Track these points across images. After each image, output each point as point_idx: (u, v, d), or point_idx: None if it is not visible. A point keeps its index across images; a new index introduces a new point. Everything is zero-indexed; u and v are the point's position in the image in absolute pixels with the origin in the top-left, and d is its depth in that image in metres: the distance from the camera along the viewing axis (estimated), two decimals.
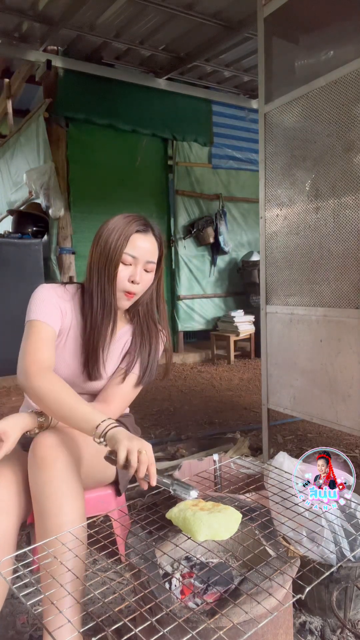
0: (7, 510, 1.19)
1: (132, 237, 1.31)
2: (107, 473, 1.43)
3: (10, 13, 3.95)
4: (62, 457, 1.18)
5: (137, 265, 1.32)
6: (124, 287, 1.33)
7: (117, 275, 1.31)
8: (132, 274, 1.32)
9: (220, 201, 5.87)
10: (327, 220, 1.90)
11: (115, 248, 1.29)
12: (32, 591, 1.38)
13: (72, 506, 1.15)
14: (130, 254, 1.31)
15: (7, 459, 1.30)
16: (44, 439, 1.21)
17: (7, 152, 5.68)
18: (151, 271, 1.37)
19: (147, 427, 3.09)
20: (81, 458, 1.26)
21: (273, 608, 0.89)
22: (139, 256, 1.32)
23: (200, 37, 4.42)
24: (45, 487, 1.15)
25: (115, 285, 1.32)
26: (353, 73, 1.75)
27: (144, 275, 1.35)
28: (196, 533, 0.97)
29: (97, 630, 1.07)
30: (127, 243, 1.30)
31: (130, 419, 1.60)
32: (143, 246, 1.32)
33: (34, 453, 1.19)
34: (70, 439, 1.25)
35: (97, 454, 1.37)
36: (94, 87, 4.82)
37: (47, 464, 1.16)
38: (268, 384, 2.25)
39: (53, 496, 1.14)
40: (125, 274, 1.32)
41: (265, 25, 2.14)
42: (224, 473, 1.77)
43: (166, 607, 0.85)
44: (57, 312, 1.34)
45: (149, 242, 1.34)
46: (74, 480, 1.18)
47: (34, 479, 1.18)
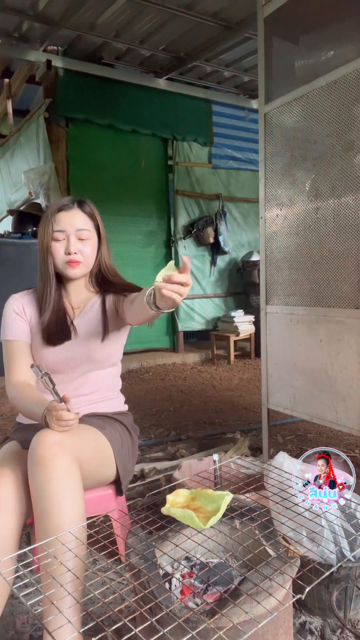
0: (9, 511, 1.19)
1: (56, 216, 1.46)
2: (108, 473, 1.43)
3: (10, 13, 3.95)
4: (63, 455, 1.18)
5: (69, 237, 1.45)
6: (63, 259, 1.46)
7: (53, 252, 1.45)
8: (66, 247, 1.45)
9: (220, 201, 5.87)
10: (327, 220, 1.90)
11: (45, 230, 1.46)
12: (32, 591, 1.38)
13: (72, 506, 1.15)
14: (57, 229, 1.45)
15: (8, 459, 1.30)
16: (44, 437, 1.20)
17: (7, 152, 5.68)
18: (87, 239, 1.48)
19: (147, 427, 3.09)
20: (82, 457, 1.26)
21: (273, 608, 0.89)
22: (66, 229, 1.45)
23: (200, 37, 4.42)
24: (45, 487, 1.15)
25: (54, 262, 1.47)
26: (353, 73, 1.75)
27: (81, 244, 1.47)
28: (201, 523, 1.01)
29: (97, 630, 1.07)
30: (53, 223, 1.45)
31: (129, 417, 1.61)
32: (67, 220, 1.45)
33: (34, 451, 1.19)
34: (71, 438, 1.25)
35: (98, 454, 1.37)
36: (94, 87, 4.82)
37: (47, 462, 1.16)
38: (268, 384, 2.25)
39: (53, 496, 1.14)
40: (60, 248, 1.46)
41: (265, 25, 2.14)
42: (224, 473, 1.76)
43: (166, 607, 0.85)
44: (18, 321, 1.51)
45: (73, 215, 1.47)
46: (74, 479, 1.18)
47: (34, 478, 1.17)
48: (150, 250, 5.53)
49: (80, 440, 1.30)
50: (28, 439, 1.30)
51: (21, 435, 1.43)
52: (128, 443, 1.51)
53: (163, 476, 2.26)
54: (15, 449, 1.37)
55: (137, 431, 1.60)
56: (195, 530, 1.06)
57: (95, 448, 1.36)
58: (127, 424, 1.55)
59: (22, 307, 1.52)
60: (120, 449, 1.44)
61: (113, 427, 1.47)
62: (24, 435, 1.40)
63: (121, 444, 1.46)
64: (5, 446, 1.41)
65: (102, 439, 1.40)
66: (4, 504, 1.19)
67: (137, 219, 5.34)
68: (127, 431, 1.53)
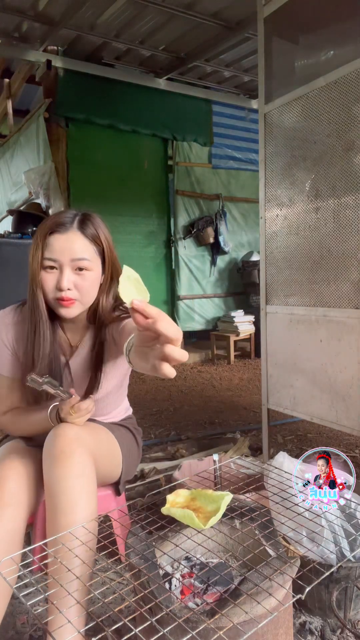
0: (18, 504, 1.17)
1: (48, 239, 1.19)
2: (113, 473, 1.42)
3: (10, 13, 3.95)
4: (81, 451, 1.15)
5: (62, 268, 1.19)
6: (53, 295, 1.20)
7: (43, 284, 1.20)
8: (58, 280, 1.19)
9: (220, 201, 5.87)
10: (327, 220, 1.90)
11: (34, 256, 1.19)
12: (32, 591, 1.38)
13: (86, 504, 1.12)
14: (48, 257, 1.18)
15: (13, 453, 1.28)
16: (63, 430, 1.17)
17: (7, 152, 5.68)
18: (87, 269, 1.20)
19: (147, 427, 3.09)
20: (96, 454, 1.24)
21: (273, 608, 0.89)
22: (58, 258, 1.18)
23: (200, 37, 4.42)
24: (61, 482, 1.12)
25: (43, 295, 1.22)
26: (353, 73, 1.75)
27: (78, 277, 1.20)
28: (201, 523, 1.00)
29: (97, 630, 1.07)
30: (43, 247, 1.18)
31: (132, 420, 1.60)
32: (60, 245, 1.18)
33: (52, 445, 1.15)
34: (88, 434, 1.22)
35: (110, 453, 1.37)
36: (94, 87, 4.82)
37: (66, 457, 1.13)
38: (268, 384, 2.25)
39: (68, 492, 1.11)
40: (50, 280, 1.19)
41: (265, 25, 2.14)
42: (224, 473, 1.76)
43: (166, 607, 0.85)
44: (3, 351, 1.31)
45: (68, 239, 1.18)
46: (90, 477, 1.16)
47: (51, 472, 1.14)
48: (150, 250, 5.53)
49: (96, 437, 1.29)
50: (32, 438, 1.29)
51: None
52: (134, 446, 1.51)
53: (163, 476, 2.26)
54: (18, 445, 1.33)
55: (140, 433, 1.59)
56: (195, 530, 1.06)
57: (108, 447, 1.35)
58: (131, 427, 1.55)
59: (7, 335, 1.31)
60: (127, 451, 1.44)
61: (120, 431, 1.47)
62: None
63: (128, 446, 1.46)
64: (7, 444, 1.39)
65: (114, 440, 1.39)
66: (13, 496, 1.17)
67: (137, 219, 5.33)
68: (131, 434, 1.52)
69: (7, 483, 1.18)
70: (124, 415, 1.58)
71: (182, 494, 1.15)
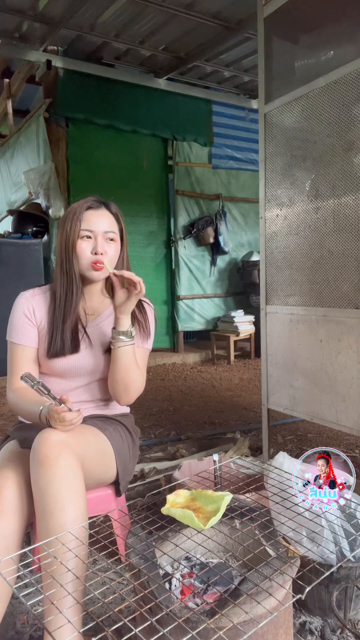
0: (13, 511, 1.19)
1: (85, 214, 1.42)
2: (108, 473, 1.42)
3: (10, 13, 3.95)
4: (66, 455, 1.18)
5: (96, 237, 1.41)
6: (89, 259, 1.41)
7: (79, 251, 1.40)
8: (93, 247, 1.41)
9: (220, 201, 5.87)
10: (327, 220, 1.90)
11: (72, 228, 1.40)
12: (32, 591, 1.38)
13: (74, 506, 1.14)
14: (86, 229, 1.41)
15: (9, 460, 1.30)
16: (47, 436, 1.20)
17: (7, 152, 5.69)
18: (114, 240, 1.44)
19: (147, 427, 3.09)
20: (84, 457, 1.26)
21: (273, 608, 0.89)
22: (95, 229, 1.41)
23: (200, 37, 4.42)
24: (48, 486, 1.15)
25: (78, 262, 1.42)
26: (353, 73, 1.75)
27: (107, 245, 1.43)
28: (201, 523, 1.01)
29: (97, 630, 1.07)
30: (81, 221, 1.41)
31: (130, 419, 1.60)
32: (96, 220, 1.42)
33: (37, 450, 1.18)
34: (74, 437, 1.24)
35: (99, 454, 1.37)
36: (94, 87, 4.82)
37: (50, 461, 1.16)
38: (268, 384, 2.25)
39: (55, 495, 1.14)
40: (86, 248, 1.41)
41: (265, 25, 2.14)
42: (224, 473, 1.76)
43: (166, 607, 0.85)
44: (27, 326, 1.45)
45: (102, 215, 1.43)
46: (77, 479, 1.18)
47: (37, 477, 1.17)
48: (150, 250, 5.53)
49: (83, 440, 1.30)
50: (27, 438, 1.29)
51: (21, 434, 1.42)
52: (129, 444, 1.51)
53: (163, 476, 2.26)
54: (15, 449, 1.36)
55: (138, 433, 1.60)
56: (195, 530, 1.06)
57: (96, 448, 1.36)
58: (128, 425, 1.55)
59: (33, 310, 1.47)
60: (120, 450, 1.44)
61: (114, 428, 1.47)
62: (23, 434, 1.40)
63: (122, 445, 1.46)
64: (5, 447, 1.41)
65: (104, 440, 1.40)
66: (7, 504, 1.19)
67: (137, 219, 5.33)
68: (128, 432, 1.53)
69: (5, 491, 1.20)
70: (120, 411, 1.59)
71: (182, 494, 1.16)
